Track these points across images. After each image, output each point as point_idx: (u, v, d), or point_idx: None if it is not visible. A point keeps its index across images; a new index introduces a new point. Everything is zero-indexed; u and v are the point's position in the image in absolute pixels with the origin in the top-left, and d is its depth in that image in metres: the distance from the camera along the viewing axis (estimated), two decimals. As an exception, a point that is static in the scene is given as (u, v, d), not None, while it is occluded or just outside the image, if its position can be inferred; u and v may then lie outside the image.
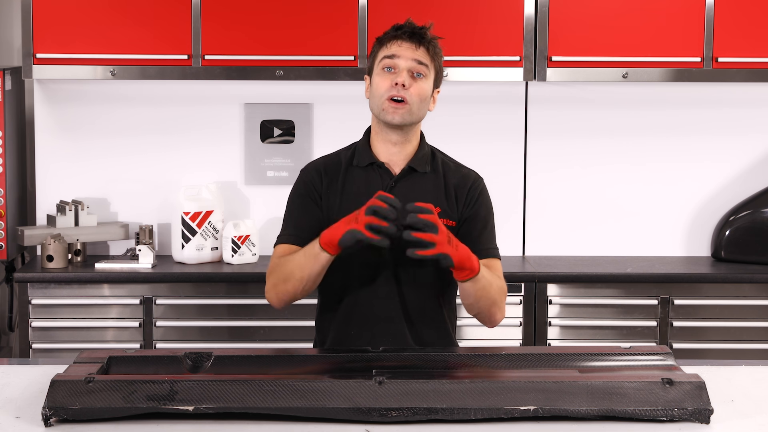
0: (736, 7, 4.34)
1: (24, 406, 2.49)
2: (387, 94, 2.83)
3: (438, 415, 2.36)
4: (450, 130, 4.57)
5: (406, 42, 2.85)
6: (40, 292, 4.23)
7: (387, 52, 2.86)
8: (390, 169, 2.90)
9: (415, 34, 2.86)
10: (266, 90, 4.59)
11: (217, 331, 4.27)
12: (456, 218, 2.90)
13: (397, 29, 2.89)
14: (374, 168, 2.91)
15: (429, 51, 2.87)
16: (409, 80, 2.83)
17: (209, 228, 4.46)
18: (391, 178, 2.90)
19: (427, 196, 2.87)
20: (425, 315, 2.91)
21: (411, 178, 2.90)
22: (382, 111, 2.84)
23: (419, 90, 2.84)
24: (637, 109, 4.67)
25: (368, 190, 2.85)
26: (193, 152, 4.63)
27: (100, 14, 4.29)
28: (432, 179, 2.91)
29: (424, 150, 2.94)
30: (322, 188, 2.91)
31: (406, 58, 2.84)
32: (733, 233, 4.58)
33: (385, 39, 2.89)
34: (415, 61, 2.84)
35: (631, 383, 2.41)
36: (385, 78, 2.84)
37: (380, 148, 2.91)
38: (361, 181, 2.90)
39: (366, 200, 2.76)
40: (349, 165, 2.93)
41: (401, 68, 2.84)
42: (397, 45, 2.85)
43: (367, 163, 2.91)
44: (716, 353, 4.26)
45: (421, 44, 2.85)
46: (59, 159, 4.59)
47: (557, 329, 4.31)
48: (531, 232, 4.70)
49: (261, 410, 2.36)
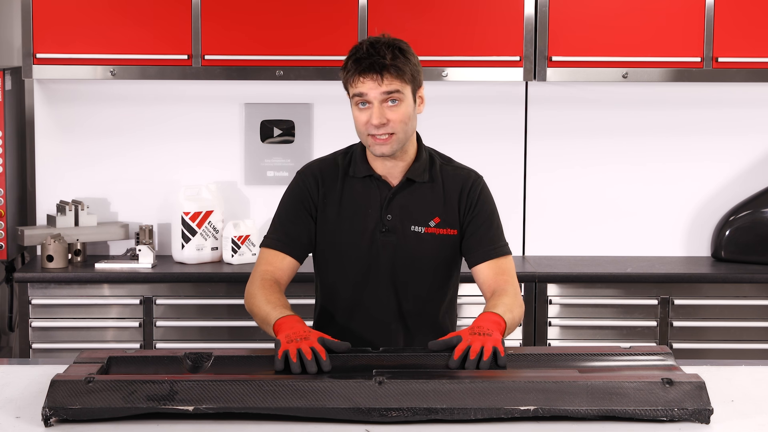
0: (736, 7, 4.34)
1: (24, 406, 2.49)
2: (367, 131, 2.78)
3: (438, 415, 2.36)
4: (450, 130, 4.57)
5: (368, 77, 2.74)
6: (40, 292, 4.23)
7: (354, 90, 2.77)
8: (388, 182, 2.88)
9: (374, 65, 2.74)
10: (266, 90, 4.59)
11: (217, 331, 4.27)
12: (457, 226, 2.89)
13: (355, 62, 2.77)
14: (372, 180, 2.88)
15: (394, 73, 2.74)
16: (384, 114, 2.74)
17: (209, 228, 4.46)
18: (389, 190, 2.88)
19: (426, 207, 2.87)
20: (424, 321, 2.91)
21: (409, 189, 2.88)
22: (369, 145, 2.80)
23: (399, 116, 2.76)
24: (637, 109, 4.67)
25: (366, 203, 2.86)
26: (193, 152, 4.63)
27: (100, 14, 4.29)
28: (431, 188, 2.89)
29: (422, 158, 2.89)
30: (319, 198, 2.89)
31: (375, 94, 2.74)
32: (733, 233, 4.58)
33: (347, 73, 2.79)
34: (384, 94, 2.74)
35: (631, 383, 2.40)
36: (362, 113, 2.78)
37: (376, 162, 2.88)
38: (359, 193, 2.88)
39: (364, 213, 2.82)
40: (345, 174, 2.90)
41: (374, 105, 2.75)
42: (361, 83, 2.75)
43: (365, 175, 2.88)
44: (716, 353, 4.26)
45: (383, 74, 2.73)
46: (59, 159, 4.59)
47: (557, 329, 4.31)
48: (531, 232, 4.70)
49: (261, 410, 2.36)
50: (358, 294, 2.88)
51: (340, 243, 2.87)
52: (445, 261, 2.90)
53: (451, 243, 2.89)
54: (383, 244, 2.85)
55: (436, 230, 2.87)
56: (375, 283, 2.86)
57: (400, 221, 2.85)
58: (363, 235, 2.85)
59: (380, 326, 2.88)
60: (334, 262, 2.90)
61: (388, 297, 2.87)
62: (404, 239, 2.85)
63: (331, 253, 2.90)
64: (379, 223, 2.85)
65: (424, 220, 2.87)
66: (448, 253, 2.90)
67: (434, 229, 2.87)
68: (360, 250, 2.86)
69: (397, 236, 2.85)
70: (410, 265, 2.86)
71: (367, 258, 2.86)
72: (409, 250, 2.85)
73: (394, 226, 2.85)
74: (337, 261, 2.89)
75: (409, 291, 2.88)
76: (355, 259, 2.86)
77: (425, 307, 2.91)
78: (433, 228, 2.87)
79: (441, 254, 2.88)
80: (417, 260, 2.86)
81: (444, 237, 2.87)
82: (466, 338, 2.57)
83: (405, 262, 2.86)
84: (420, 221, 2.86)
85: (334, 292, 2.92)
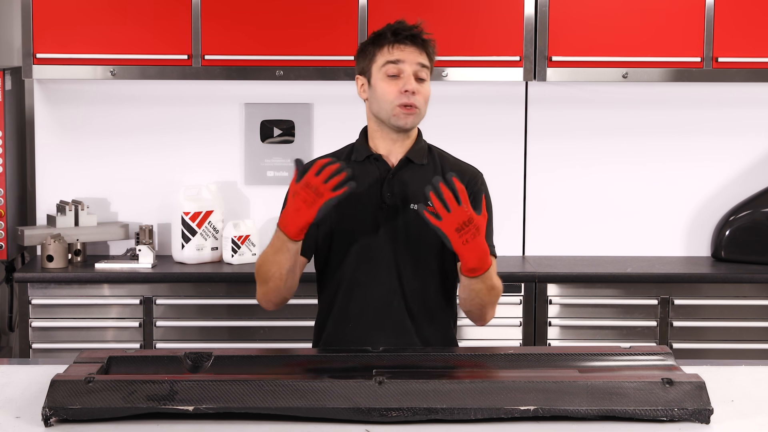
0: (736, 7, 4.34)
1: (24, 406, 2.49)
2: (397, 101, 2.84)
3: (438, 415, 2.36)
4: (450, 130, 4.57)
5: (409, 46, 2.86)
6: (40, 292, 4.23)
7: (390, 57, 2.85)
8: (387, 161, 2.93)
9: (415, 37, 2.86)
10: (266, 90, 4.59)
11: (217, 331, 4.27)
12: None
13: (395, 33, 2.87)
14: (371, 161, 2.93)
15: (429, 53, 2.89)
16: (416, 86, 2.84)
17: (209, 228, 4.46)
18: (389, 169, 2.91)
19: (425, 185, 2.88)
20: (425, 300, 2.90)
21: (409, 169, 2.92)
22: (393, 117, 2.86)
23: (425, 93, 2.87)
24: (637, 109, 4.67)
25: (366, 181, 2.89)
26: (193, 152, 4.63)
27: (100, 14, 4.29)
28: (430, 170, 2.92)
29: (421, 144, 2.96)
30: None
31: (411, 62, 2.85)
32: (733, 233, 4.58)
33: (384, 42, 2.87)
34: (419, 65, 2.86)
35: (631, 383, 2.41)
36: (392, 84, 2.84)
37: (379, 144, 2.93)
38: (359, 173, 2.90)
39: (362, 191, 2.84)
40: (347, 160, 2.94)
41: (407, 74, 2.84)
42: (399, 50, 2.85)
43: (365, 157, 2.93)
44: (716, 353, 4.26)
45: (423, 48, 2.87)
46: (59, 159, 4.59)
47: (557, 329, 4.31)
48: (531, 232, 4.70)
49: (261, 410, 2.36)
50: (360, 272, 2.89)
51: (340, 222, 2.90)
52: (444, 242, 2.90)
53: None
54: (383, 221, 2.88)
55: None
56: (376, 260, 2.87)
57: (400, 199, 2.89)
58: (363, 213, 2.89)
59: (382, 304, 2.88)
60: (335, 242, 2.91)
61: (389, 275, 2.87)
62: (403, 216, 2.88)
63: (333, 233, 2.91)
64: (379, 200, 2.89)
65: (423, 199, 2.88)
66: None
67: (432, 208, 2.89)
68: (360, 228, 2.89)
69: (396, 214, 2.88)
70: (410, 243, 2.88)
71: (367, 236, 2.88)
72: (409, 227, 2.88)
73: (393, 203, 2.89)
74: (338, 241, 2.91)
75: (410, 269, 2.89)
76: (356, 236, 2.89)
77: (426, 286, 2.91)
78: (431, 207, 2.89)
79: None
80: (416, 237, 2.88)
81: None
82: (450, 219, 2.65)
83: (404, 239, 2.88)
84: (419, 199, 2.88)
85: (336, 273, 2.92)
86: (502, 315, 4.18)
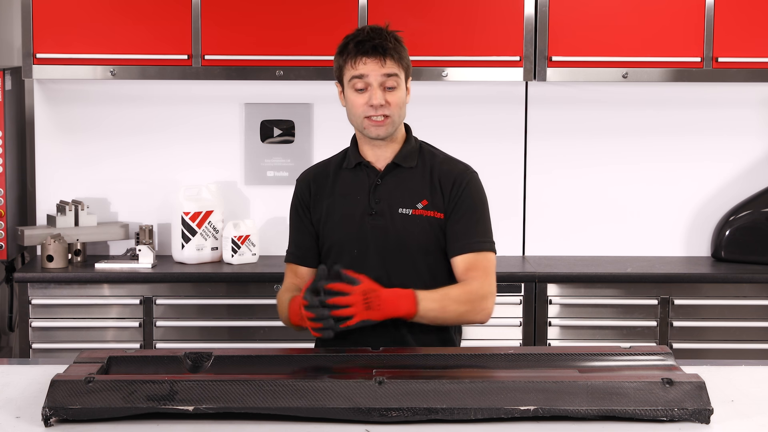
0: (736, 7, 4.34)
1: (24, 406, 2.49)
2: (364, 114, 2.85)
3: (438, 415, 2.36)
4: (450, 130, 4.57)
5: (371, 58, 2.82)
6: (40, 292, 4.23)
7: (354, 72, 2.84)
8: (375, 167, 2.94)
9: (377, 48, 2.82)
10: (266, 90, 4.59)
11: (217, 331, 4.27)
12: (443, 210, 2.91)
13: (357, 44, 2.83)
14: (361, 167, 2.95)
15: (395, 58, 2.84)
16: (383, 97, 2.83)
17: (209, 228, 4.46)
18: (377, 175, 2.93)
19: (413, 190, 2.91)
20: None
21: (396, 173, 2.93)
22: (365, 128, 2.88)
23: (395, 100, 2.85)
24: (637, 109, 4.67)
25: (355, 189, 2.92)
26: (193, 152, 4.63)
27: (100, 14, 4.29)
28: (419, 173, 2.93)
29: (411, 144, 2.96)
30: (310, 199, 2.98)
31: (376, 75, 2.83)
32: (733, 233, 4.58)
33: (347, 56, 2.85)
34: (384, 76, 2.83)
35: (631, 383, 2.41)
36: (359, 97, 2.85)
37: (366, 151, 2.96)
38: (349, 181, 2.95)
39: (353, 199, 2.89)
40: (338, 168, 2.98)
41: (373, 86, 2.83)
42: (362, 63, 2.83)
43: (355, 164, 2.95)
44: (716, 353, 4.26)
45: (386, 57, 2.82)
46: (59, 159, 4.59)
47: (557, 329, 4.31)
48: (531, 232, 4.70)
49: (261, 410, 2.36)
50: None
51: (332, 231, 2.93)
52: (436, 244, 2.91)
53: (439, 226, 2.91)
54: (372, 227, 2.89)
55: (424, 212, 2.91)
56: (368, 267, 2.87)
57: (388, 204, 2.90)
58: (353, 221, 2.91)
59: None
60: (329, 250, 2.95)
61: (380, 281, 2.86)
62: (392, 222, 2.89)
63: (326, 242, 2.96)
64: (368, 207, 2.90)
65: (411, 202, 2.90)
66: (439, 236, 2.91)
67: (422, 210, 2.90)
68: (350, 236, 2.91)
69: (385, 219, 2.89)
70: (400, 247, 2.89)
71: (357, 242, 2.90)
72: (398, 232, 2.89)
73: (382, 209, 2.90)
74: (331, 249, 2.94)
75: (401, 274, 2.89)
76: (347, 244, 2.91)
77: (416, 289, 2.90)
78: (421, 210, 2.91)
79: (430, 236, 2.90)
80: (406, 242, 2.89)
81: (432, 219, 2.90)
82: (356, 296, 2.67)
83: (395, 245, 2.89)
84: (408, 203, 2.89)
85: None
86: (502, 315, 4.19)
